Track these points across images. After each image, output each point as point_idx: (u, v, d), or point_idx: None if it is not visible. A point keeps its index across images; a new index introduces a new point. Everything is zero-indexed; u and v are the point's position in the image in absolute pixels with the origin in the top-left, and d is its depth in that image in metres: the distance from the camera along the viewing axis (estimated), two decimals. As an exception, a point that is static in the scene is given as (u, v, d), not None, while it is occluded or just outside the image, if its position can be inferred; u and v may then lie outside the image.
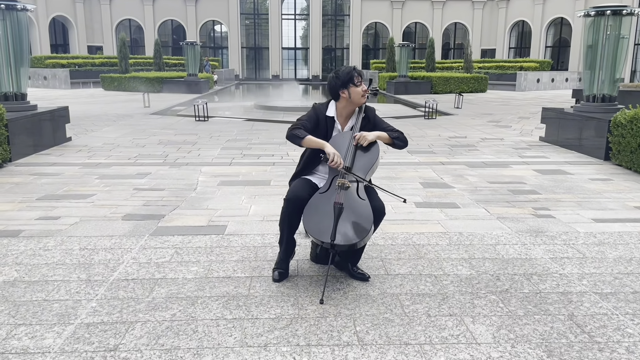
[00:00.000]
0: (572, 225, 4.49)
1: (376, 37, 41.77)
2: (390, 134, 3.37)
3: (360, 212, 3.11)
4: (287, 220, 3.29)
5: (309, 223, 3.11)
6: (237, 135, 10.19)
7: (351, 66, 3.43)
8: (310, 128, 3.36)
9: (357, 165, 3.29)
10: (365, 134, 3.31)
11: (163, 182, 6.06)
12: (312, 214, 3.15)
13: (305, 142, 3.28)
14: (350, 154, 3.28)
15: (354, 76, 3.31)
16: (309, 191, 3.31)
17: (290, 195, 3.25)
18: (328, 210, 3.12)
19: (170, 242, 4.04)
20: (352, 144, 3.31)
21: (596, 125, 7.78)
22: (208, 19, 40.45)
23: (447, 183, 6.09)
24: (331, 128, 3.43)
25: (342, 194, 3.15)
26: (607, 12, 8.00)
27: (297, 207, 3.23)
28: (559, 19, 35.63)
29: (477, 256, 3.76)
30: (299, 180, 3.42)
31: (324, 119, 3.41)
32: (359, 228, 3.05)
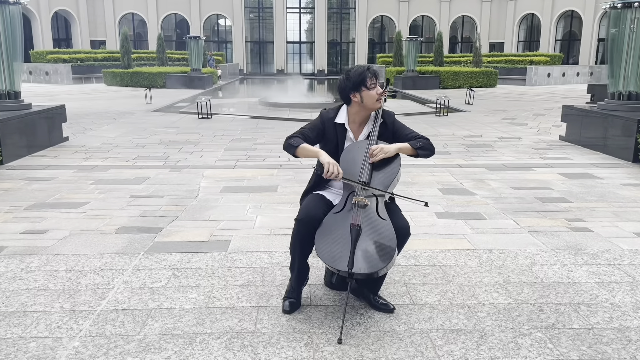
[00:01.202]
0: (613, 240, 4.04)
1: (382, 31, 41.19)
2: (414, 144, 2.91)
3: (382, 235, 2.68)
4: (298, 244, 2.86)
5: (322, 248, 2.68)
6: (241, 134, 9.76)
7: (364, 65, 2.99)
8: (312, 138, 2.95)
9: (376, 180, 2.85)
10: (384, 148, 2.86)
11: (162, 188, 5.65)
12: (325, 237, 2.72)
13: (299, 151, 2.86)
14: (367, 166, 2.84)
15: (366, 77, 2.87)
16: (324, 209, 2.87)
17: (302, 215, 2.82)
18: (343, 233, 2.69)
19: (168, 261, 3.62)
20: (368, 156, 2.87)
21: (623, 125, 7.31)
22: (212, 13, 39.94)
23: (468, 189, 5.65)
24: (343, 137, 2.99)
25: (360, 214, 2.72)
26: (634, 4, 7.50)
27: (310, 229, 2.80)
28: (569, 12, 34.94)
29: (513, 280, 3.33)
30: (312, 197, 2.99)
31: (332, 127, 2.98)
32: (380, 253, 2.62)
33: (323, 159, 2.80)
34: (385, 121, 3.01)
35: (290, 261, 2.96)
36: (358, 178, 2.82)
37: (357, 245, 2.63)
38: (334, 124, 2.99)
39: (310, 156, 2.89)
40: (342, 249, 2.64)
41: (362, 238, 2.66)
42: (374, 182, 2.83)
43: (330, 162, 2.76)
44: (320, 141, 3.02)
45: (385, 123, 3.00)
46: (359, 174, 2.83)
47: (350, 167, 2.87)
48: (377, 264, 2.61)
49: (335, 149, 2.98)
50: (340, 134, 3.00)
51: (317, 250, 2.70)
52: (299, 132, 2.97)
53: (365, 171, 2.84)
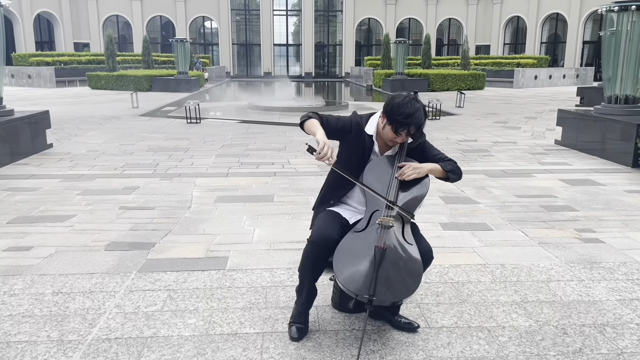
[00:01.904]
0: (627, 253, 3.89)
1: (369, 33, 41.15)
2: (444, 165, 2.68)
3: (408, 261, 2.48)
4: (310, 267, 2.63)
5: (342, 271, 2.46)
6: (232, 139, 9.52)
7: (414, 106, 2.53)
8: (332, 127, 2.65)
9: (404, 200, 2.63)
10: (416, 167, 2.62)
11: (153, 199, 5.40)
12: (345, 258, 2.49)
13: (307, 124, 2.60)
14: (394, 184, 2.63)
15: (399, 125, 2.53)
16: (339, 230, 2.65)
17: (316, 237, 2.59)
18: (366, 255, 2.47)
19: (163, 281, 3.39)
20: (396, 174, 2.65)
21: (622, 129, 7.21)
22: (198, 15, 39.57)
23: (470, 197, 5.48)
24: (370, 149, 2.74)
25: (384, 235, 2.51)
26: (631, 7, 7.42)
27: (324, 252, 2.58)
28: (554, 15, 35.18)
29: (531, 298, 3.15)
30: (326, 214, 2.75)
31: (360, 133, 2.72)
32: (405, 281, 2.43)
33: (318, 136, 2.48)
34: (415, 141, 2.74)
35: (299, 284, 2.74)
36: (386, 194, 2.61)
37: (380, 270, 2.42)
38: (362, 133, 2.73)
39: (310, 132, 2.59)
40: (364, 273, 2.44)
41: (386, 262, 2.45)
42: (401, 202, 2.62)
43: (326, 141, 2.45)
44: (339, 138, 2.74)
45: (414, 142, 2.75)
46: (385, 192, 2.62)
47: (376, 182, 2.66)
48: (401, 293, 2.43)
49: (359, 161, 2.73)
50: (367, 146, 2.74)
51: (336, 272, 2.48)
52: (322, 115, 2.69)
53: (393, 189, 2.62)
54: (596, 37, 33.83)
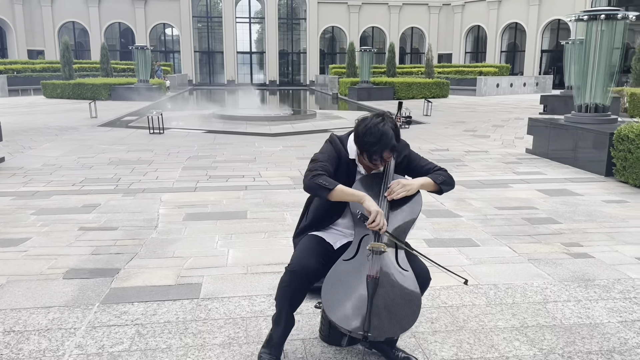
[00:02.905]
0: (619, 268, 3.77)
1: (333, 42, 41.21)
2: (435, 177, 2.47)
3: (404, 290, 2.23)
4: (288, 297, 2.37)
5: (332, 306, 2.21)
6: (198, 151, 9.14)
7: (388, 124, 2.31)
8: (332, 172, 2.42)
9: (395, 222, 2.38)
10: (406, 184, 2.38)
11: (116, 218, 5.01)
12: (335, 290, 2.24)
13: (335, 194, 2.30)
14: (384, 205, 2.38)
15: (372, 154, 2.31)
16: (322, 257, 2.40)
17: (296, 266, 2.33)
18: (358, 286, 2.23)
19: (129, 314, 3.04)
20: (385, 193, 2.42)
21: (595, 138, 7.21)
22: (158, 22, 38.76)
23: (451, 210, 5.31)
24: (353, 174, 2.51)
25: (377, 263, 2.26)
26: (600, 17, 7.47)
27: (303, 282, 2.34)
28: (513, 24, 36.01)
29: (530, 323, 2.96)
30: (307, 240, 2.50)
31: (344, 159, 2.48)
32: (403, 313, 2.18)
33: (368, 205, 2.26)
34: (399, 154, 2.53)
35: (276, 314, 2.47)
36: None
37: (375, 302, 2.18)
38: (346, 158, 2.49)
39: (348, 200, 2.34)
40: (356, 307, 2.19)
41: (381, 293, 2.20)
42: (393, 225, 2.37)
43: (379, 210, 2.24)
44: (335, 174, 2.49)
45: (399, 156, 2.53)
46: None
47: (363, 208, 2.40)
48: (398, 326, 2.18)
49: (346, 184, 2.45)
50: (352, 169, 2.51)
51: (326, 308, 2.22)
52: (319, 167, 2.37)
53: (383, 211, 2.34)
54: (554, 46, 34.81)
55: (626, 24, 7.63)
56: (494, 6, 36.26)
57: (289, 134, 11.39)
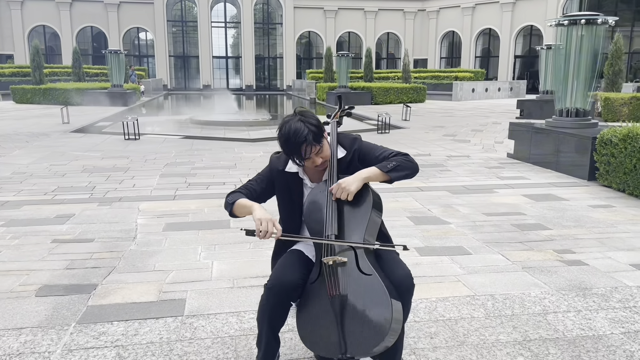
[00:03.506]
0: (614, 276, 3.70)
1: (310, 46, 41.15)
2: (384, 166, 2.24)
3: (371, 296, 2.04)
4: (267, 317, 2.20)
5: (305, 335, 2.12)
6: (176, 157, 8.89)
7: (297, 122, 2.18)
8: (259, 191, 2.35)
9: (349, 226, 2.20)
10: (344, 186, 2.19)
11: (91, 229, 4.76)
12: (305, 320, 2.13)
13: (235, 209, 2.29)
14: (332, 214, 2.20)
15: (294, 154, 2.20)
16: (302, 272, 2.23)
17: (274, 282, 2.16)
18: (324, 309, 2.08)
19: (109, 335, 2.83)
20: (331, 196, 2.23)
21: (577, 143, 7.22)
22: (132, 26, 38.19)
23: (439, 217, 5.21)
24: (299, 188, 2.37)
25: (338, 278, 2.09)
26: (581, 21, 7.50)
27: (283, 299, 2.16)
28: (487, 30, 36.50)
29: (532, 336, 2.84)
30: (287, 256, 2.33)
31: (282, 178, 2.36)
32: (376, 321, 1.99)
33: (255, 214, 2.16)
34: (348, 150, 2.34)
35: (257, 336, 2.32)
36: (324, 231, 2.18)
37: (345, 321, 2.03)
38: (284, 175, 2.36)
39: (245, 214, 2.26)
40: (328, 331, 2.05)
41: (349, 309, 2.04)
42: (347, 230, 2.19)
43: (262, 217, 2.12)
44: (271, 194, 2.41)
45: (348, 153, 2.33)
46: (324, 227, 2.19)
47: (315, 219, 2.25)
48: (376, 335, 1.98)
49: (291, 203, 2.37)
50: (295, 184, 2.37)
51: (301, 337, 2.13)
52: (242, 187, 2.40)
53: (332, 220, 2.19)
54: (526, 51, 35.39)
55: (606, 29, 7.69)
56: (468, 12, 36.72)
57: (269, 139, 11.21)
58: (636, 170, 5.97)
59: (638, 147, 5.92)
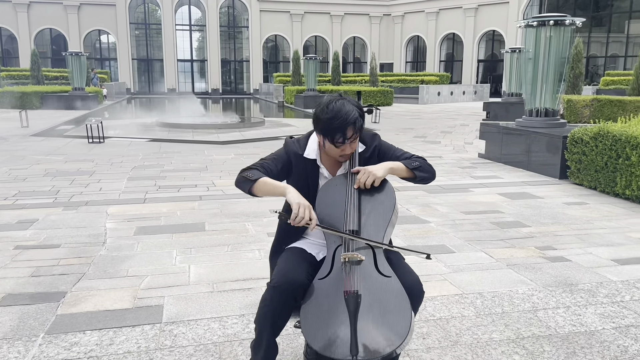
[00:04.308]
0: (598, 271, 3.70)
1: (276, 50, 40.95)
2: (408, 162, 2.21)
3: (389, 299, 1.93)
4: (270, 318, 2.05)
5: (313, 333, 1.93)
6: (144, 160, 8.61)
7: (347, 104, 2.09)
8: (275, 172, 2.20)
9: (369, 223, 2.10)
10: (371, 170, 2.12)
11: (57, 234, 4.51)
12: (314, 316, 1.96)
13: (257, 186, 2.11)
14: (353, 208, 2.10)
15: (332, 133, 2.07)
16: (308, 270, 2.11)
17: (279, 280, 2.02)
18: (337, 306, 1.94)
19: (81, 345, 2.64)
20: (352, 189, 2.13)
21: (548, 142, 7.31)
22: (93, 29, 37.18)
23: (418, 216, 5.15)
24: (315, 175, 2.25)
25: (355, 275, 1.97)
26: (549, 22, 7.62)
27: (289, 299, 2.02)
28: (451, 35, 37.08)
29: (525, 333, 2.79)
30: (289, 253, 2.21)
31: (299, 163, 2.24)
32: (393, 325, 1.88)
33: (291, 197, 2.04)
34: (368, 146, 2.27)
35: (255, 339, 2.15)
36: (343, 226, 2.08)
37: (358, 320, 1.90)
38: (303, 159, 2.24)
39: (272, 194, 2.10)
40: (339, 330, 1.90)
41: (364, 309, 1.92)
42: (366, 228, 2.09)
43: (301, 202, 2.01)
44: (285, 178, 2.27)
45: (367, 149, 2.26)
46: (343, 221, 2.09)
47: (330, 212, 2.12)
48: (391, 341, 1.87)
49: (306, 191, 2.22)
50: (312, 171, 2.25)
51: (306, 336, 1.94)
52: (257, 164, 2.21)
53: (352, 215, 2.08)
54: (489, 55, 36.11)
55: (573, 30, 7.83)
56: (432, 17, 37.23)
57: (239, 141, 11.00)
58: (607, 168, 6.07)
59: (609, 145, 6.01)
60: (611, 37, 30.73)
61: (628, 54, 29.76)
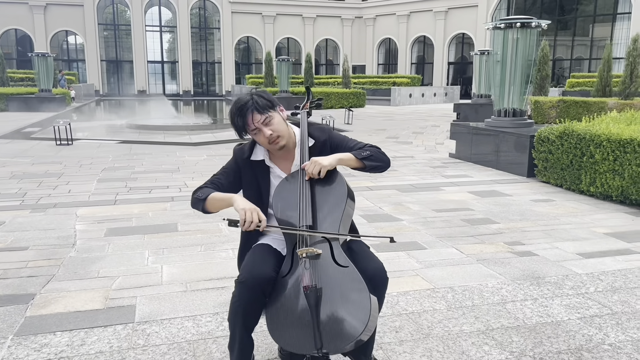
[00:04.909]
0: (563, 264, 3.81)
1: (249, 52, 40.78)
2: (358, 153, 2.23)
3: (347, 288, 1.97)
4: (241, 315, 2.06)
5: (278, 331, 1.98)
6: (114, 162, 8.48)
7: (247, 96, 2.22)
8: (226, 185, 2.27)
9: (322, 216, 2.13)
10: (317, 159, 2.16)
11: (25, 236, 4.42)
12: (277, 315, 2.00)
13: (209, 204, 2.19)
14: (307, 203, 2.13)
15: (244, 125, 2.17)
16: (275, 265, 2.13)
17: (246, 276, 2.04)
18: (299, 302, 1.98)
19: (52, 346, 2.60)
20: (304, 185, 2.16)
21: (516, 141, 7.48)
22: (60, 29, 36.40)
23: (391, 214, 5.21)
24: (266, 177, 2.29)
25: (313, 270, 2.00)
26: (516, 25, 7.80)
27: (257, 294, 2.03)
28: (421, 37, 37.54)
29: (494, 325, 2.86)
30: (256, 249, 2.23)
31: (248, 167, 2.29)
32: (354, 314, 1.91)
33: (237, 204, 2.09)
34: (317, 140, 2.30)
35: (230, 337, 2.16)
36: (298, 222, 2.11)
37: (320, 313, 1.93)
38: (250, 163, 2.29)
39: (223, 206, 2.19)
40: (302, 324, 1.94)
41: (326, 301, 1.95)
42: (321, 221, 2.12)
43: (246, 207, 2.05)
44: (239, 188, 2.31)
45: (317, 143, 2.29)
46: (298, 217, 2.11)
47: (285, 210, 2.16)
48: (354, 330, 1.90)
49: (259, 195, 2.28)
50: (262, 173, 2.29)
51: (272, 335, 2.00)
52: (208, 181, 2.30)
53: (306, 210, 2.11)
54: (459, 58, 36.69)
55: (539, 32, 8.04)
56: (403, 20, 37.63)
57: (211, 143, 10.94)
58: (572, 166, 6.25)
59: (574, 143, 6.19)
60: (576, 40, 31.57)
61: (592, 56, 30.62)
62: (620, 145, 5.56)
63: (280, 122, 2.21)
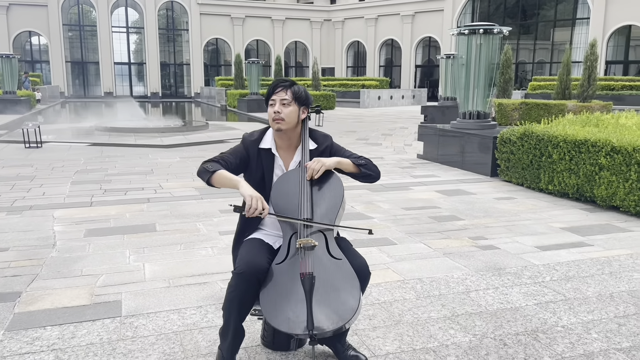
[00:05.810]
0: (523, 257, 4.10)
1: (218, 54, 40.64)
2: (355, 160, 2.49)
3: (341, 279, 2.20)
4: (236, 304, 2.25)
5: (272, 312, 2.16)
6: (86, 164, 8.49)
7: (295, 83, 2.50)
8: (234, 165, 2.43)
9: (320, 211, 2.36)
10: (320, 159, 2.40)
11: (4, 238, 4.48)
12: (272, 297, 2.19)
13: (215, 178, 2.35)
14: (306, 198, 2.35)
15: (276, 89, 2.44)
16: (268, 256, 2.34)
17: (244, 266, 2.23)
18: (294, 287, 2.18)
19: (44, 339, 2.72)
20: (305, 181, 2.38)
21: (480, 143, 7.83)
22: (23, 30, 35.58)
23: (363, 212, 5.45)
24: (270, 165, 2.49)
25: (309, 259, 2.22)
26: (479, 31, 8.16)
27: (254, 284, 2.23)
28: (389, 41, 38.13)
29: (459, 312, 3.11)
30: (250, 242, 2.42)
31: (256, 154, 2.48)
32: (345, 302, 2.14)
33: (243, 190, 2.27)
34: (320, 146, 2.54)
35: (223, 325, 2.35)
36: (298, 215, 2.33)
37: (314, 299, 2.14)
38: (258, 150, 2.49)
39: (228, 185, 2.34)
40: (296, 309, 2.14)
41: (318, 288, 2.17)
42: (318, 215, 2.35)
43: (252, 195, 2.24)
44: (243, 170, 2.50)
45: (319, 147, 2.53)
46: (297, 210, 2.34)
47: (285, 202, 2.37)
48: (343, 316, 2.12)
49: (262, 181, 2.48)
50: (267, 162, 2.49)
51: (267, 316, 2.17)
52: (218, 157, 2.45)
53: (305, 204, 2.34)
54: (426, 61, 37.40)
55: (501, 37, 8.42)
56: (371, 23, 38.15)
57: (183, 145, 10.99)
58: (532, 165, 6.60)
59: (533, 144, 6.55)
60: (538, 45, 32.60)
61: (553, 60, 31.67)
62: (575, 146, 5.93)
63: (293, 113, 2.42)
